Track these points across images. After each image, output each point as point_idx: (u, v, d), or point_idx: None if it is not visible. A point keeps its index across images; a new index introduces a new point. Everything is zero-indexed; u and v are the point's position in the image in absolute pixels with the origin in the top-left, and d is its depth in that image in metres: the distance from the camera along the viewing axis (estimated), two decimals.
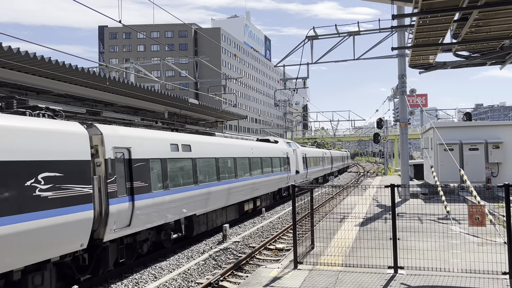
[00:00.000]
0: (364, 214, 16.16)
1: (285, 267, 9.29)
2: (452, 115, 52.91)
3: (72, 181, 8.88)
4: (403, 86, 20.39)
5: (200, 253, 13.53)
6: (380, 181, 35.45)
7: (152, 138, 12.37)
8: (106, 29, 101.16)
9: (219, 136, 18.21)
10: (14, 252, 7.69)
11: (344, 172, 71.77)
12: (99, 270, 10.31)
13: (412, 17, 13.31)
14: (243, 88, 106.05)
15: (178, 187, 13.14)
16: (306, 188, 11.12)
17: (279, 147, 25.60)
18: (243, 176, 18.77)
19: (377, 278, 8.19)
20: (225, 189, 16.65)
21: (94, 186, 9.59)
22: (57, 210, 8.48)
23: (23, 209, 7.75)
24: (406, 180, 20.51)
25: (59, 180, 8.57)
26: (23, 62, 11.89)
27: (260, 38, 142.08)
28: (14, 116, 8.32)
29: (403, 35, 19.61)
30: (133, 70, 27.89)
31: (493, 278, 7.89)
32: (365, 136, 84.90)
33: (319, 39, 19.82)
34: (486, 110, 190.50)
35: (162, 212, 12.29)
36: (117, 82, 15.40)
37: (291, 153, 27.76)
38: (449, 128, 22.38)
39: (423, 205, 18.04)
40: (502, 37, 13.65)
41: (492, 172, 21.03)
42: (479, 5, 10.59)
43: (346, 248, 10.75)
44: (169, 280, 10.58)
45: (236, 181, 17.78)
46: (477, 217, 8.22)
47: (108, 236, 10.01)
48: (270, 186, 23.14)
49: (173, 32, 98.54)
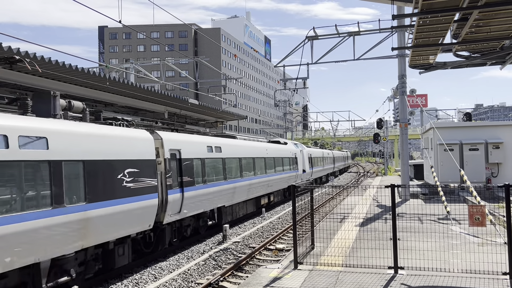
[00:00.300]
0: (364, 214, 16.15)
1: (285, 268, 9.29)
2: (452, 115, 52.91)
3: (144, 175, 11.34)
4: (403, 86, 20.39)
5: (200, 253, 13.52)
6: (380, 181, 35.45)
7: (194, 141, 14.96)
8: (106, 29, 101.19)
9: (240, 139, 20.62)
10: (110, 228, 10.10)
11: (345, 172, 71.79)
12: (158, 246, 12.89)
13: (412, 17, 13.31)
14: (243, 88, 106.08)
15: (212, 182, 15.61)
16: (306, 188, 11.12)
17: (288, 148, 27.77)
18: (260, 174, 21.11)
19: (377, 278, 8.19)
20: (246, 185, 19.08)
21: (158, 180, 11.96)
22: (136, 197, 10.95)
23: (117, 195, 10.27)
24: (406, 180, 20.51)
25: (137, 174, 11.03)
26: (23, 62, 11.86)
27: (260, 38, 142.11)
28: (106, 126, 10.75)
29: (403, 35, 19.61)
30: (133, 70, 27.90)
31: (493, 278, 7.88)
32: (365, 136, 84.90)
33: (319, 39, 19.83)
34: (486, 110, 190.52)
35: (201, 202, 14.79)
36: (117, 82, 15.40)
37: (298, 153, 29.84)
38: (449, 128, 22.37)
39: (423, 205, 18.03)
40: (502, 37, 13.65)
41: (492, 172, 21.02)
42: (479, 5, 10.59)
43: (346, 248, 10.75)
44: (169, 281, 10.57)
45: (254, 178, 20.20)
46: (477, 217, 8.22)
47: (166, 219, 12.55)
48: (282, 183, 25.27)
49: (173, 32, 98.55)
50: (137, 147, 11.23)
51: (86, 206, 9.30)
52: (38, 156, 8.25)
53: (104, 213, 9.78)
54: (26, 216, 7.82)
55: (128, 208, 10.60)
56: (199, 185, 14.48)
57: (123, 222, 10.53)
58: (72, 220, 8.88)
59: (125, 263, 11.21)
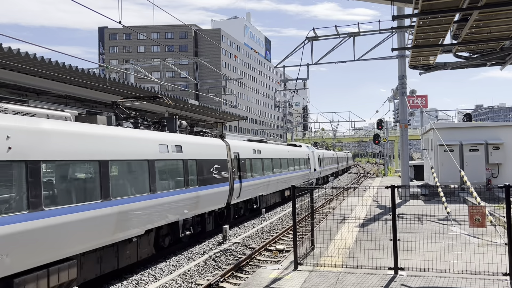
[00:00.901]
0: (364, 215, 16.15)
1: (285, 268, 9.28)
2: (452, 116, 52.86)
3: (222, 170, 16.43)
4: (403, 87, 20.38)
5: (200, 254, 13.51)
6: (380, 182, 35.44)
7: (246, 146, 20.18)
8: (106, 30, 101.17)
9: (269, 143, 25.94)
10: (208, 203, 15.17)
11: (345, 172, 71.81)
12: (227, 220, 17.89)
13: (412, 18, 13.29)
14: (243, 89, 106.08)
15: (256, 176, 20.69)
16: (306, 189, 11.11)
17: (303, 150, 32.90)
18: (284, 171, 25.92)
19: (378, 279, 8.18)
20: (276, 180, 23.98)
21: (228, 173, 16.99)
22: (219, 185, 15.99)
23: (211, 183, 15.30)
24: (406, 181, 20.49)
25: (219, 169, 16.10)
26: (23, 63, 11.87)
27: (260, 39, 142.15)
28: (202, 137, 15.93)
29: (403, 36, 19.61)
30: (133, 71, 27.91)
31: (493, 279, 7.87)
32: (365, 137, 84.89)
33: (319, 40, 19.82)
34: (486, 111, 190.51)
35: (250, 191, 19.88)
36: (117, 83, 15.40)
37: (310, 154, 34.91)
38: (449, 129, 22.35)
39: (423, 206, 18.03)
40: (502, 38, 13.64)
41: (492, 173, 21.01)
42: (480, 6, 10.58)
43: (347, 249, 10.74)
44: (169, 281, 10.55)
45: (281, 174, 25.12)
46: (478, 218, 8.21)
47: (232, 201, 17.75)
48: (299, 179, 30.16)
49: (173, 33, 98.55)
50: (218, 150, 16.34)
51: (198, 188, 14.33)
52: (179, 157, 13.28)
53: (206, 193, 14.85)
54: (179, 191, 13.07)
55: (216, 191, 15.69)
56: (249, 178, 19.65)
57: (213, 200, 15.62)
58: (193, 196, 13.91)
59: (210, 229, 16.26)
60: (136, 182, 10.99)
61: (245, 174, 18.94)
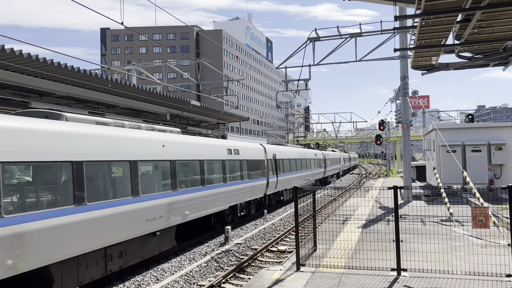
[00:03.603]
0: (367, 216, 16.11)
1: (287, 269, 9.25)
2: (455, 117, 52.75)
3: (262, 167, 21.55)
4: (405, 87, 20.33)
5: (202, 255, 13.49)
6: (383, 183, 35.37)
7: (281, 149, 25.85)
8: (108, 31, 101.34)
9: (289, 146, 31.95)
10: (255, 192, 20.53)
11: (347, 173, 71.80)
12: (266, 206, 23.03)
13: (415, 18, 13.26)
14: (245, 90, 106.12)
15: (288, 172, 26.69)
16: (309, 190, 11.07)
17: (319, 152, 41.66)
18: (303, 169, 32.12)
19: (380, 280, 8.15)
20: (303, 175, 31.29)
21: (265, 170, 22.06)
22: (260, 179, 21.09)
23: (256, 177, 20.45)
24: (408, 182, 20.43)
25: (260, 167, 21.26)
26: (26, 64, 11.89)
27: (262, 40, 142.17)
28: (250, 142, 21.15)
29: (405, 36, 19.56)
30: (135, 72, 27.92)
31: (496, 280, 7.83)
32: (367, 137, 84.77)
33: (321, 40, 19.81)
34: (488, 111, 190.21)
35: (284, 184, 25.63)
36: (119, 84, 15.40)
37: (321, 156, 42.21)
38: (451, 130, 22.28)
39: (425, 207, 17.97)
40: (505, 38, 13.61)
41: (495, 173, 20.94)
42: (482, 6, 10.55)
43: (349, 250, 10.71)
44: (171, 282, 10.54)
45: (307, 171, 32.98)
46: (481, 219, 8.18)
47: (268, 192, 22.90)
48: (316, 176, 38.08)
49: (175, 34, 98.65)
50: (259, 152, 21.52)
51: (249, 181, 19.47)
52: (237, 158, 18.40)
53: (254, 184, 20.08)
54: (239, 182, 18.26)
55: (258, 184, 20.77)
56: (283, 173, 25.38)
57: (256, 191, 20.54)
58: (246, 186, 19.01)
59: (253, 213, 20.97)
60: (216, 175, 16.10)
61: (281, 171, 24.91)
